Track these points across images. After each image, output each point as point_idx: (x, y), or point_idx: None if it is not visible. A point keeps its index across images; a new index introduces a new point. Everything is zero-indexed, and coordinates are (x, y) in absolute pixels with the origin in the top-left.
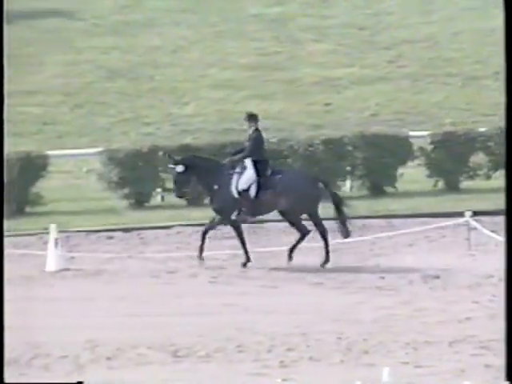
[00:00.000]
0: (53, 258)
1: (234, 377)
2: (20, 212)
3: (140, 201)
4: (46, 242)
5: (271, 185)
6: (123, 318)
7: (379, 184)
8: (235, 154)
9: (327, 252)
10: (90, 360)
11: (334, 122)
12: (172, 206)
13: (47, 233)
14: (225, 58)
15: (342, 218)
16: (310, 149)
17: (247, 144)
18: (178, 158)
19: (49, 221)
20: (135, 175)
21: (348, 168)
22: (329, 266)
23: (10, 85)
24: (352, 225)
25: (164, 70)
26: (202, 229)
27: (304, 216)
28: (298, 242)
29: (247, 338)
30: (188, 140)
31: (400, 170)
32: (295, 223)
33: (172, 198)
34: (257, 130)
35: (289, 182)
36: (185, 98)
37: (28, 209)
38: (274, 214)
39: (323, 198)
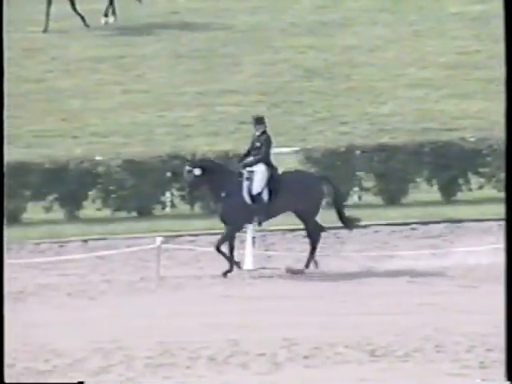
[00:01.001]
0: (250, 256)
1: (432, 377)
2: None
3: None
4: (242, 241)
5: (282, 187)
6: (320, 316)
7: None
8: (243, 158)
9: (311, 256)
10: (287, 358)
11: None
12: (369, 205)
13: (244, 232)
14: (423, 57)
15: (343, 218)
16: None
17: (258, 146)
18: (195, 161)
19: None
20: (332, 174)
21: None
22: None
23: (208, 85)
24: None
25: (360, 70)
26: (215, 245)
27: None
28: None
29: (445, 338)
30: (385, 139)
31: None
32: (309, 224)
33: (369, 197)
34: (264, 132)
35: (299, 183)
36: (382, 97)
37: None
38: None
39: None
